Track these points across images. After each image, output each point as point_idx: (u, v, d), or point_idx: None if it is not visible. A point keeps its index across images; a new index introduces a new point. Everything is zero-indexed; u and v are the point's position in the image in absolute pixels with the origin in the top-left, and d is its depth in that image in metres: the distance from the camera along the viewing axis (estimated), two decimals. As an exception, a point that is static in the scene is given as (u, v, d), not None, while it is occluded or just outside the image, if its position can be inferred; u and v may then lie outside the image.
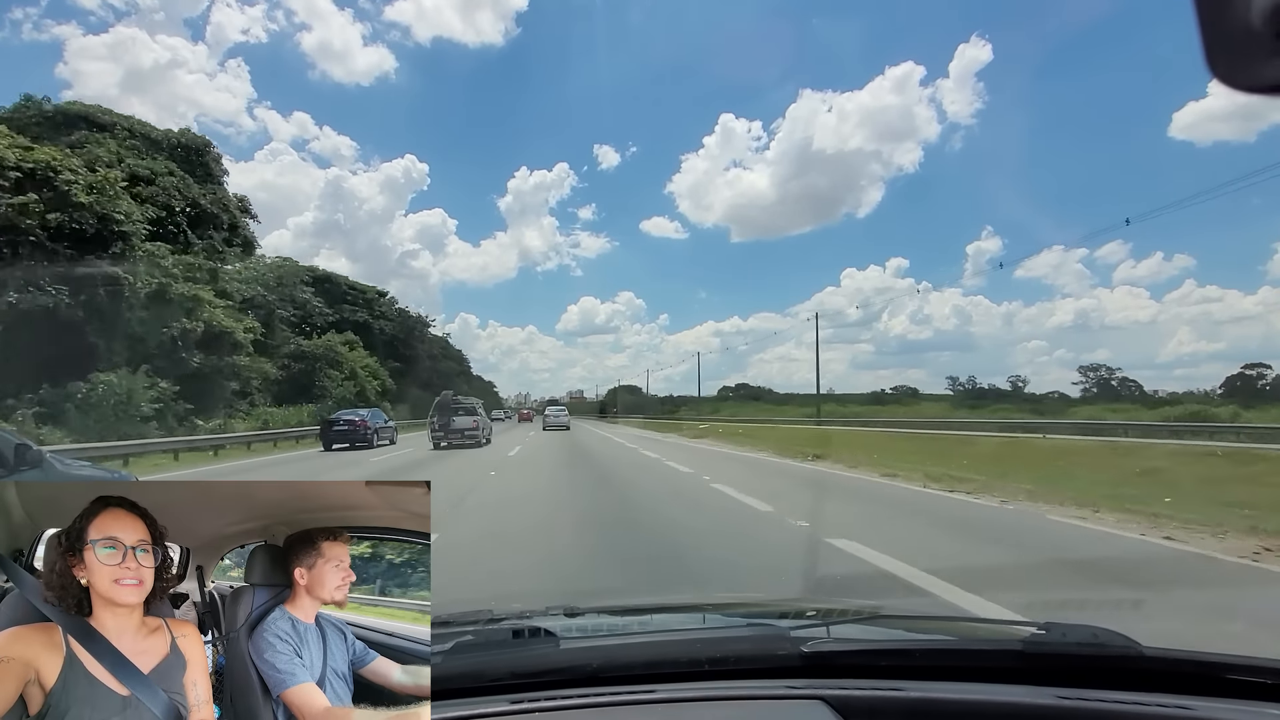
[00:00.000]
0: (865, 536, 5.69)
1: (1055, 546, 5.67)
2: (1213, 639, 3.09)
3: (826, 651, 1.12)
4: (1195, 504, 7.22)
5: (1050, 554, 5.40)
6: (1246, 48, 0.44)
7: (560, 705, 0.95)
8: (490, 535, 6.53)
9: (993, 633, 1.45)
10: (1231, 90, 0.48)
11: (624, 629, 1.55)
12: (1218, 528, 5.99)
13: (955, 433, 25.34)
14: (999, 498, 8.28)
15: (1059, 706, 0.96)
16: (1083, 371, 62.79)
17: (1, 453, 3.82)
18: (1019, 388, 61.54)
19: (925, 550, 5.35)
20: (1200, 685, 1.01)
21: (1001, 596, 3.91)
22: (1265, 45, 0.44)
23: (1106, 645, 1.07)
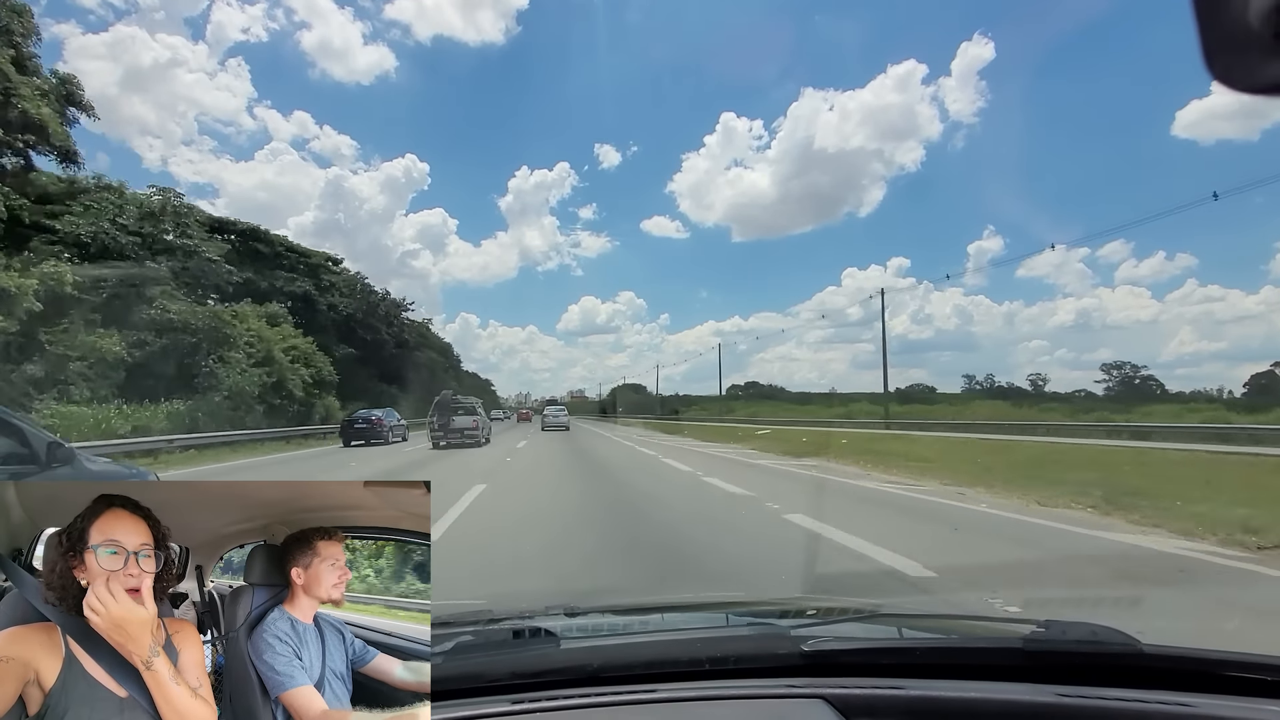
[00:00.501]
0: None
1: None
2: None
3: (827, 650, 1.12)
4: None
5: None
6: (1244, 48, 0.45)
7: (561, 705, 0.95)
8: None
9: (992, 631, 1.45)
10: (1230, 90, 0.48)
11: (624, 629, 1.55)
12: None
13: (1041, 440, 20.11)
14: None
15: (1059, 704, 0.97)
16: (1105, 370, 61.33)
17: (34, 449, 3.86)
18: (1039, 386, 60.26)
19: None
20: (1200, 682, 1.01)
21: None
22: (1263, 45, 0.44)
23: (1106, 643, 1.07)
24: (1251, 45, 0.44)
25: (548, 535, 6.32)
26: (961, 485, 9.35)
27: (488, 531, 6.50)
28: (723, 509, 7.77)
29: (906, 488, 9.48)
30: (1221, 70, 0.46)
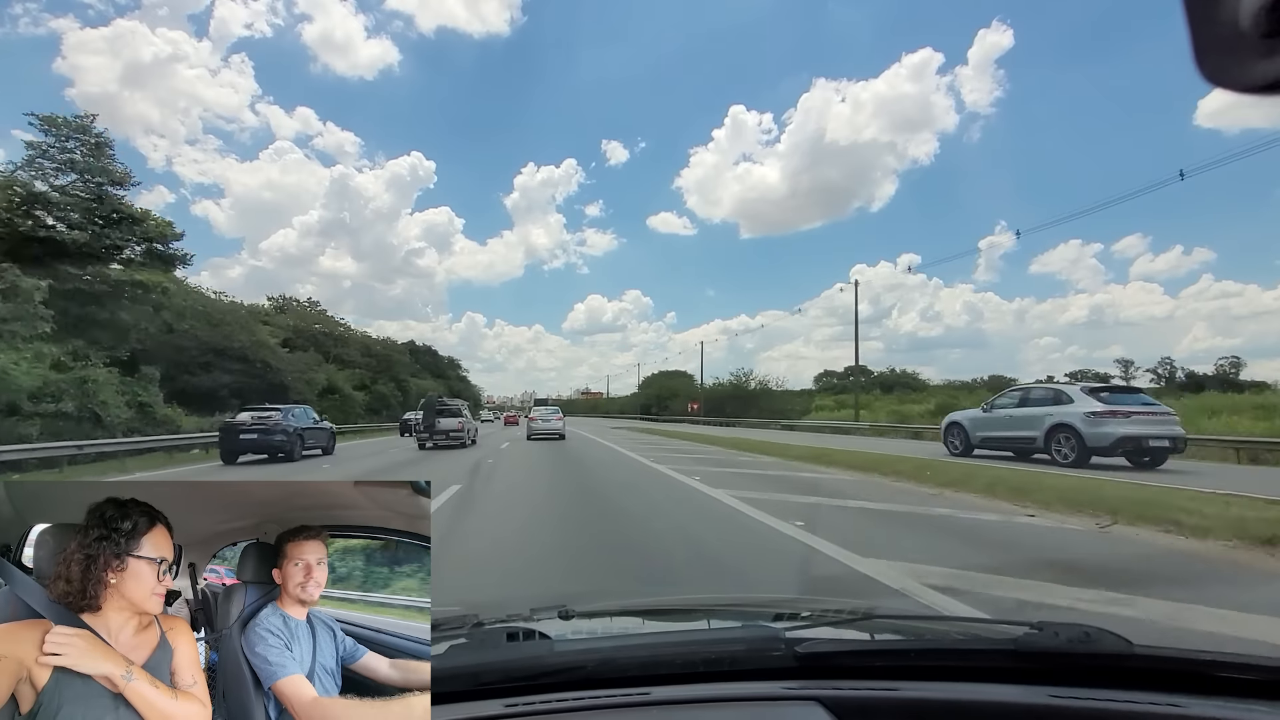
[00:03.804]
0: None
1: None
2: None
3: (821, 653, 1.12)
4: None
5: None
6: (1235, 48, 0.45)
7: (555, 708, 0.95)
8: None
9: (986, 632, 1.45)
10: (1221, 90, 0.49)
11: (619, 631, 1.55)
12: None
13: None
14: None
15: (1052, 706, 0.97)
16: (1153, 369, 59.51)
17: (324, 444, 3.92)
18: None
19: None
20: (1192, 683, 1.02)
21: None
22: (1253, 46, 0.44)
23: (1099, 644, 1.07)
24: (1242, 45, 0.44)
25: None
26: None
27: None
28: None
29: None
30: (1212, 70, 0.47)
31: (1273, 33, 0.43)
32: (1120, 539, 5.75)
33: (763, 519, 6.62)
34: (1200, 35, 0.47)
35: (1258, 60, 0.44)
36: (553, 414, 25.36)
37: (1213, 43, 0.46)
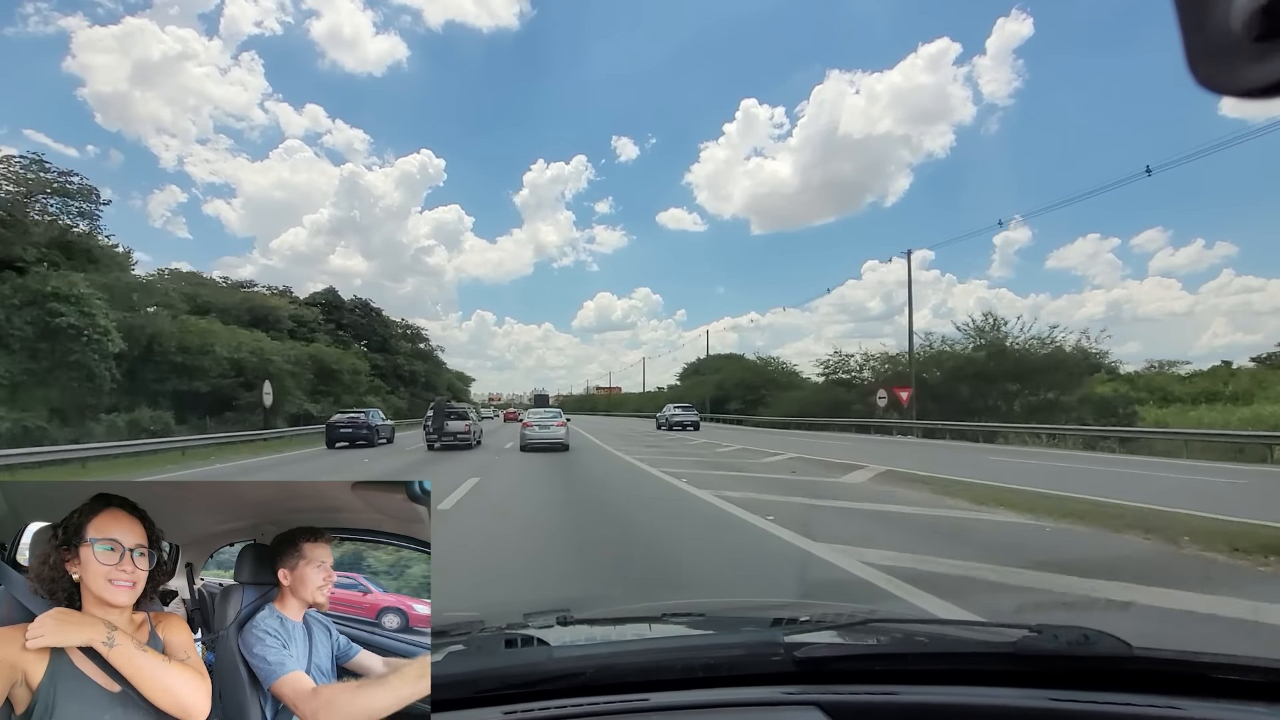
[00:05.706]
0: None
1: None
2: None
3: (820, 657, 1.12)
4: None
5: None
6: (1227, 52, 0.45)
7: (554, 715, 0.94)
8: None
9: (985, 636, 1.45)
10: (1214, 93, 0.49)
11: (618, 637, 1.54)
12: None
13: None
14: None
15: (1051, 709, 0.97)
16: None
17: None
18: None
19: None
20: (1190, 685, 1.02)
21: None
22: (1245, 49, 0.44)
23: (1097, 647, 1.07)
24: (1234, 49, 0.44)
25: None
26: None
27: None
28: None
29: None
30: (1204, 74, 0.47)
31: (1265, 36, 0.43)
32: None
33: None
34: (1192, 40, 0.47)
35: (1251, 64, 0.45)
36: (553, 418, 19.91)
37: (1205, 47, 0.47)
